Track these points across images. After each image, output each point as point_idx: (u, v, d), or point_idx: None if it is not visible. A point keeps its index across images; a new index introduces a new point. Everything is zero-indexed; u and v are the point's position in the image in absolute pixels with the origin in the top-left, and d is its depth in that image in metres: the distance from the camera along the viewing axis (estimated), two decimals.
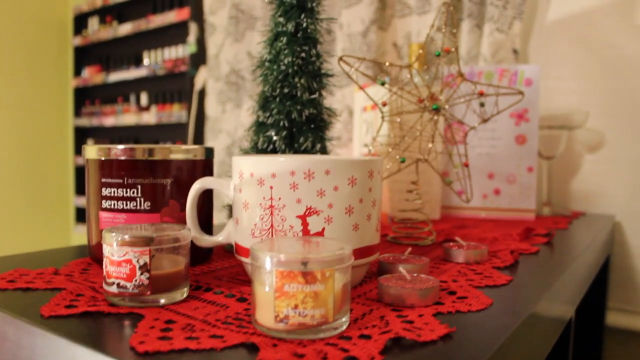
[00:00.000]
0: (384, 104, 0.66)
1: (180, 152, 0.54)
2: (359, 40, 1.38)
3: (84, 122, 2.86)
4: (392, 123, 0.71)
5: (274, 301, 0.33)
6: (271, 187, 0.43)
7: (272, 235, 0.43)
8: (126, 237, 0.40)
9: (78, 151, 2.95)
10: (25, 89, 2.91)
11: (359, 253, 0.44)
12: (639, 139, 1.12)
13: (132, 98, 2.58)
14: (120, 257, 0.40)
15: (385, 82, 0.67)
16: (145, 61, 2.49)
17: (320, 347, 0.32)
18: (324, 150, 0.63)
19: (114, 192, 0.53)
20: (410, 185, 0.70)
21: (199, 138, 2.05)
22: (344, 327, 0.35)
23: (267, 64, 0.64)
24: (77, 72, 2.96)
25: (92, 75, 2.82)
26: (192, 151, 0.55)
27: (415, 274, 0.45)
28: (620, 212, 1.15)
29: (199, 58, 2.07)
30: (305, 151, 0.61)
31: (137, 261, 0.40)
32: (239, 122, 1.74)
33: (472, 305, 0.41)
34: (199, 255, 0.55)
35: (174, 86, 2.35)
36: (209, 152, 0.58)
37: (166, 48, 2.37)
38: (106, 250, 0.41)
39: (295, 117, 0.61)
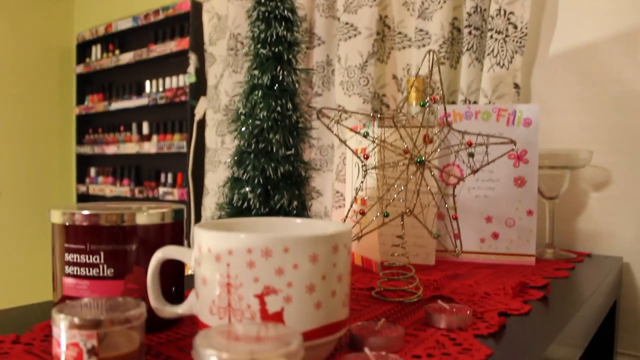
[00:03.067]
0: (366, 157, 0.66)
1: (146, 216, 0.54)
2: (357, 73, 1.38)
3: (87, 150, 2.89)
4: (376, 175, 0.70)
5: None
6: (228, 265, 0.42)
7: (229, 314, 0.42)
8: (75, 320, 0.39)
9: (80, 180, 2.97)
10: (28, 116, 2.95)
11: (322, 331, 0.43)
12: None
13: (134, 126, 2.60)
14: (67, 340, 0.39)
15: (368, 133, 0.66)
16: (147, 90, 2.52)
17: None
18: (301, 207, 0.62)
19: (77, 258, 0.52)
20: (396, 239, 0.68)
21: (198, 169, 2.05)
22: None
23: (242, 117, 0.63)
24: (80, 99, 2.99)
25: (94, 103, 2.85)
26: (159, 215, 0.55)
27: (384, 353, 0.44)
28: (629, 253, 1.12)
29: (199, 88, 2.09)
30: (282, 208, 0.61)
31: (85, 345, 0.39)
32: None
33: None
34: (167, 320, 0.54)
35: (175, 116, 2.37)
36: (179, 213, 0.57)
37: (167, 77, 2.39)
38: (54, 331, 0.40)
39: (270, 174, 0.60)
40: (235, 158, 0.63)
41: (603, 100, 1.15)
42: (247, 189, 0.61)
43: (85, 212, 0.52)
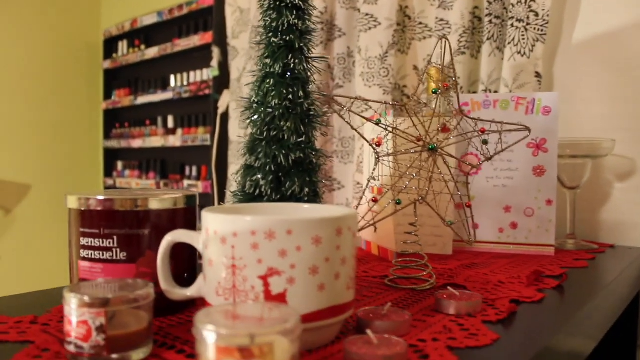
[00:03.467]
0: (378, 144, 0.66)
1: (159, 201, 0.55)
2: (378, 64, 1.38)
3: (114, 144, 2.94)
4: (389, 162, 0.70)
5: None
6: (233, 247, 0.43)
7: (234, 296, 0.43)
8: (85, 298, 0.41)
9: (108, 173, 3.03)
10: (58, 111, 3.01)
11: (326, 313, 0.43)
12: None
13: (159, 120, 2.64)
14: (77, 317, 0.41)
15: (380, 121, 0.66)
16: (172, 84, 2.55)
17: None
18: (313, 194, 0.63)
19: (92, 242, 0.54)
20: (410, 227, 0.69)
21: (222, 161, 2.07)
22: None
23: (254, 106, 0.64)
24: (107, 94, 3.05)
25: (121, 97, 2.90)
26: (171, 200, 0.56)
27: (387, 336, 0.44)
28: None
29: (222, 82, 2.11)
30: (293, 195, 0.61)
31: (94, 322, 0.41)
32: None
33: None
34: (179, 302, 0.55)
35: (199, 109, 2.40)
36: (191, 199, 0.59)
37: (191, 71, 2.42)
38: (66, 309, 0.42)
39: (281, 161, 0.61)
40: (248, 146, 0.64)
41: (627, 88, 1.13)
42: (259, 176, 0.62)
43: (100, 198, 0.53)
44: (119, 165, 3.01)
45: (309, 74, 0.65)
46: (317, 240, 0.43)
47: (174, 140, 2.44)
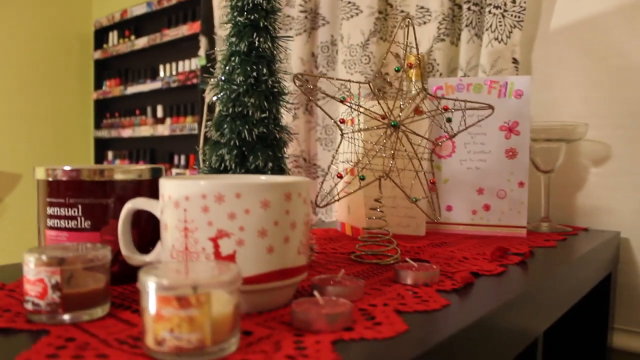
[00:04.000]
0: (342, 121, 0.68)
1: (124, 172, 0.57)
2: (359, 52, 1.39)
3: (104, 133, 2.96)
4: (354, 140, 0.72)
5: (153, 324, 0.35)
6: (185, 210, 0.45)
7: (186, 257, 0.45)
8: (42, 257, 0.43)
9: (99, 163, 3.04)
10: (50, 102, 3.03)
11: (275, 275, 0.45)
12: None
13: (149, 110, 2.66)
14: (34, 276, 0.43)
15: (344, 98, 0.68)
16: (161, 74, 2.56)
17: None
18: (279, 170, 0.65)
19: (57, 211, 0.56)
20: (375, 203, 0.71)
21: None
22: (226, 352, 0.36)
23: (221, 83, 0.66)
24: (98, 85, 3.06)
25: (111, 88, 2.91)
26: (137, 172, 0.58)
27: (335, 298, 0.46)
28: (628, 229, 1.12)
29: (210, 71, 2.12)
30: (258, 170, 0.63)
31: (49, 280, 0.42)
32: None
33: (381, 333, 0.41)
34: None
35: (187, 98, 2.41)
36: (157, 172, 0.60)
37: (180, 61, 2.44)
38: (24, 270, 0.44)
39: (245, 136, 0.63)
40: (215, 122, 0.66)
41: (604, 74, 1.15)
42: (224, 150, 0.64)
43: (67, 168, 0.55)
44: (110, 155, 3.02)
45: (274, 52, 0.66)
46: (265, 204, 0.44)
47: (163, 130, 2.46)
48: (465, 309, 0.50)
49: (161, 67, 2.57)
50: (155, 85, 2.49)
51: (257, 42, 0.65)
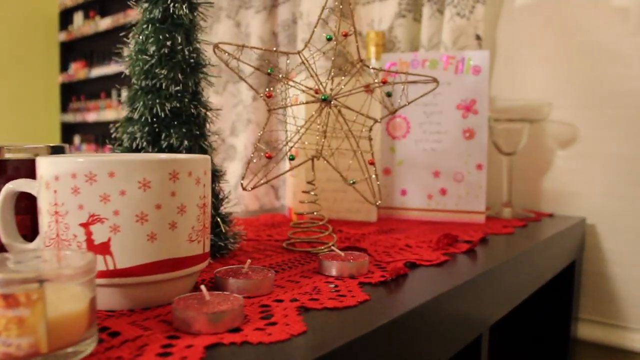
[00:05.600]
0: (269, 96, 0.62)
1: (16, 151, 0.51)
2: (319, 29, 1.33)
3: (70, 118, 2.87)
4: (286, 118, 0.66)
5: None
6: (55, 191, 0.39)
7: (58, 246, 0.39)
8: None
9: None
10: (14, 85, 2.93)
11: (159, 266, 0.40)
12: (616, 133, 1.05)
13: (114, 93, 2.58)
14: None
15: (272, 70, 0.62)
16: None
17: None
18: (199, 149, 0.59)
19: None
20: (306, 185, 0.65)
21: None
22: (75, 358, 0.31)
23: (134, 54, 0.60)
24: (64, 67, 2.97)
25: (77, 70, 2.82)
26: (31, 150, 0.52)
27: (227, 293, 0.41)
28: (594, 214, 1.08)
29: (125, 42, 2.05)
30: (172, 149, 0.58)
31: None
32: None
33: (271, 336, 0.36)
34: None
35: None
36: (57, 150, 0.54)
37: None
38: None
39: (157, 112, 0.57)
40: (128, 97, 0.60)
41: (570, 52, 1.10)
42: (136, 128, 0.58)
43: None
44: (76, 139, 2.94)
45: (193, 20, 0.60)
46: (144, 185, 0.39)
47: None
48: (385, 306, 0.45)
49: (126, 49, 2.49)
50: (120, 67, 2.41)
51: (172, 9, 0.58)
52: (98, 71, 2.60)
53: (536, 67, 1.14)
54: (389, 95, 0.65)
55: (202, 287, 0.39)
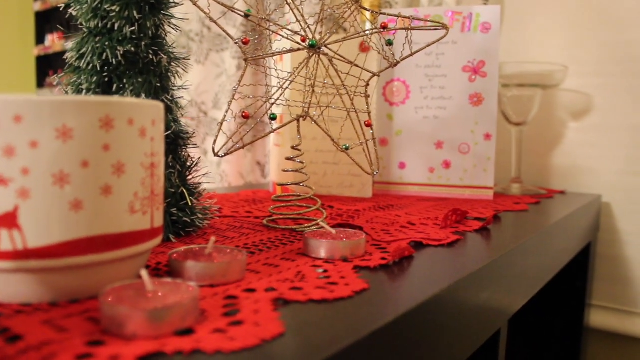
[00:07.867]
0: (245, 42, 0.52)
1: None
2: None
3: (47, 93, 2.74)
4: (267, 70, 0.56)
5: None
6: None
7: None
8: None
9: None
10: None
11: (88, 245, 0.30)
12: (636, 104, 0.96)
13: None
14: None
15: (250, 12, 0.52)
16: None
17: None
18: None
19: None
20: (292, 151, 0.55)
21: None
22: None
23: None
24: (40, 39, 2.83)
25: (53, 42, 2.69)
26: None
27: (179, 281, 0.31)
28: (609, 192, 0.99)
29: None
30: None
31: None
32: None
33: (232, 341, 0.26)
34: None
35: None
36: None
37: None
38: None
39: (108, 57, 0.47)
40: (76, 42, 0.50)
41: (587, 15, 1.00)
42: (83, 77, 0.48)
43: None
44: None
45: None
46: (65, 134, 0.28)
47: None
48: (389, 297, 0.35)
49: None
50: None
51: None
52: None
53: (548, 29, 1.04)
54: (389, 43, 0.55)
55: (143, 272, 0.29)
